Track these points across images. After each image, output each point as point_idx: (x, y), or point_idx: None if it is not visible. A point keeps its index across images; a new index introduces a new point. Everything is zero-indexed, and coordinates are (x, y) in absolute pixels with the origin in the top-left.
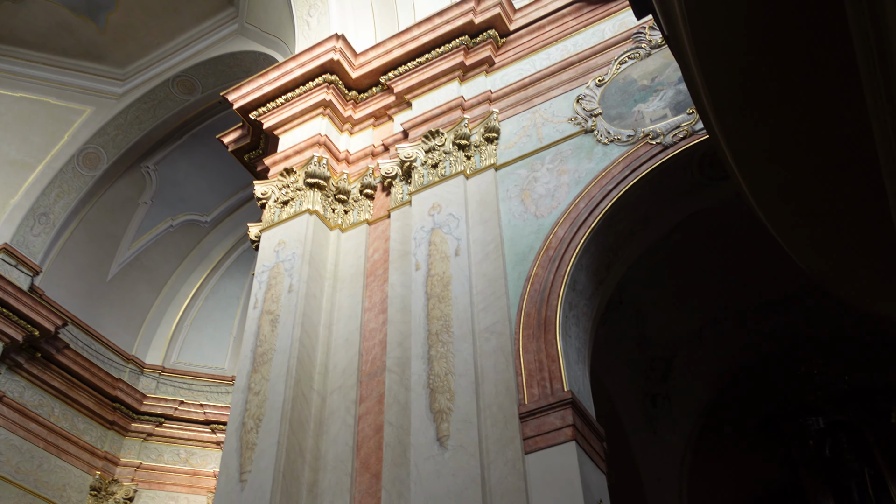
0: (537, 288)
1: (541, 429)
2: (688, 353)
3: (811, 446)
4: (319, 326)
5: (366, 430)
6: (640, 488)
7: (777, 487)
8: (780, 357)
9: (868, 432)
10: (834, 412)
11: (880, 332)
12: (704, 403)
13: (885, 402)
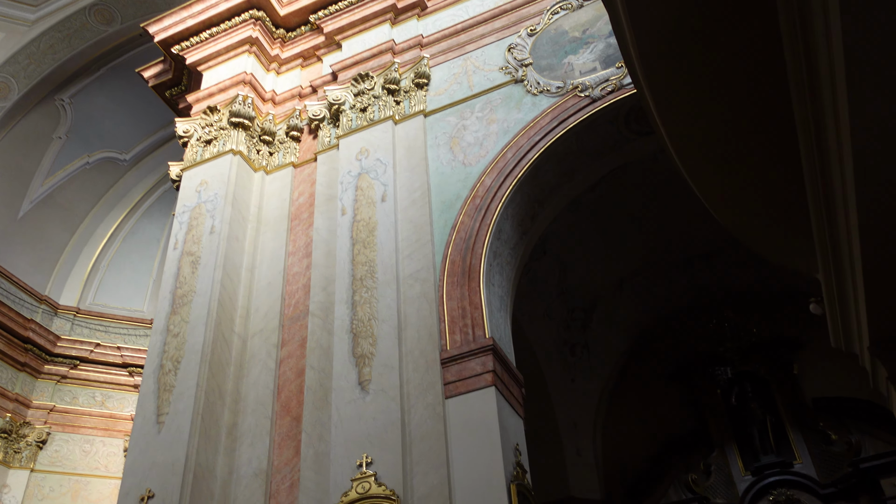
0: (463, 236)
1: (461, 374)
2: (607, 304)
3: (719, 395)
4: (242, 269)
5: (287, 374)
6: (557, 433)
7: (685, 433)
8: (694, 310)
9: (772, 382)
10: (741, 363)
11: (788, 287)
12: (621, 353)
13: (789, 354)
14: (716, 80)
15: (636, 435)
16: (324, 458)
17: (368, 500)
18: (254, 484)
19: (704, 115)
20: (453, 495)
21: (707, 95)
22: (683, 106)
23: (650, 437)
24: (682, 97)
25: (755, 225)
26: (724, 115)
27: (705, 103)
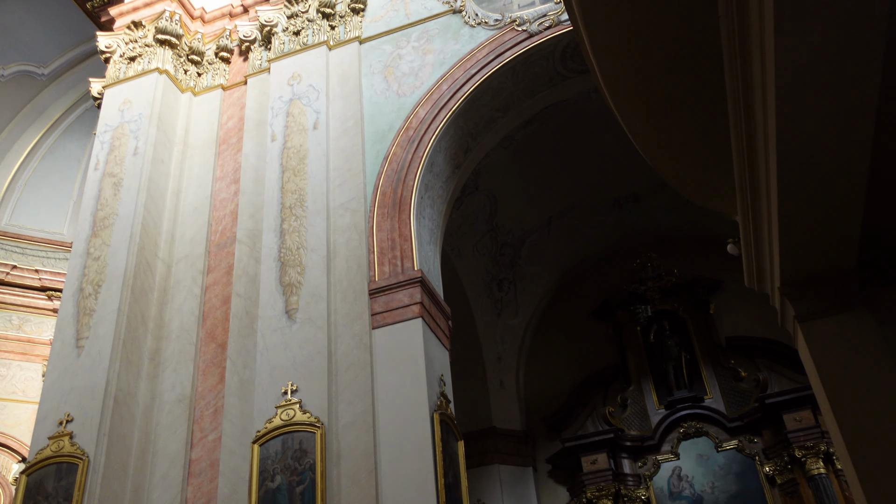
0: (395, 167)
1: (389, 305)
2: (536, 241)
3: (638, 332)
4: (167, 193)
5: (213, 301)
6: (482, 366)
7: (605, 368)
8: (619, 250)
9: (689, 321)
10: (661, 302)
11: (709, 231)
12: (547, 290)
13: (707, 295)
14: (650, 20)
15: (558, 369)
16: (249, 386)
17: (293, 427)
18: (177, 410)
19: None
20: (377, 423)
21: (642, 35)
22: (618, 45)
23: (571, 371)
24: (616, 36)
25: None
26: (658, 56)
27: (640, 43)
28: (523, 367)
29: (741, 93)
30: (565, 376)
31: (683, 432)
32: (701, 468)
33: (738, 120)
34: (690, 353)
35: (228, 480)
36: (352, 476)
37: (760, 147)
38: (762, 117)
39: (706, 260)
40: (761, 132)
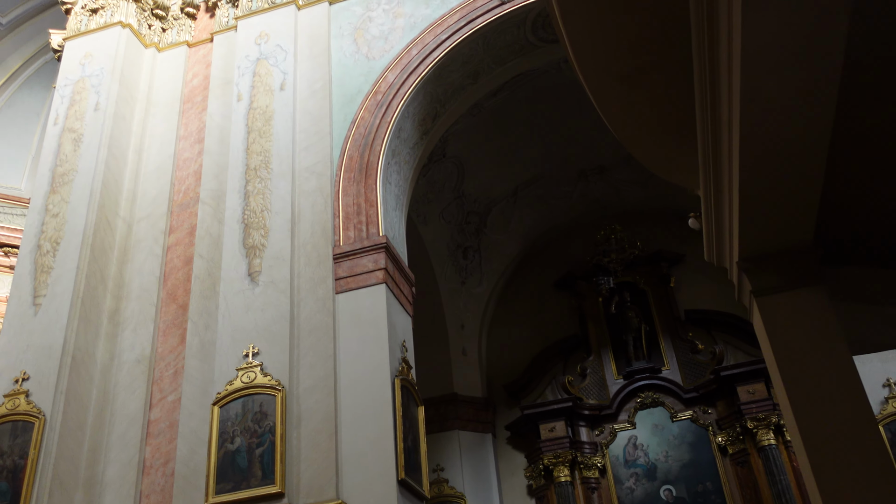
0: (362, 132)
1: (353, 270)
2: (502, 210)
3: (600, 303)
4: (128, 151)
5: (174, 262)
6: (444, 333)
7: (566, 338)
8: (584, 221)
9: (650, 294)
10: (623, 274)
11: (673, 205)
12: (512, 259)
13: (668, 268)
14: None
15: (520, 338)
16: (209, 347)
17: (253, 390)
18: (136, 370)
19: (608, 28)
20: (338, 387)
21: (612, 7)
22: (588, 16)
23: (533, 340)
24: (586, 7)
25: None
26: (628, 29)
27: (610, 15)
28: (486, 335)
29: (707, 68)
30: (527, 345)
31: (640, 402)
32: (656, 437)
33: (703, 95)
34: (650, 324)
35: (188, 441)
36: (312, 439)
37: (724, 123)
38: (727, 93)
39: (669, 234)
40: (725, 108)
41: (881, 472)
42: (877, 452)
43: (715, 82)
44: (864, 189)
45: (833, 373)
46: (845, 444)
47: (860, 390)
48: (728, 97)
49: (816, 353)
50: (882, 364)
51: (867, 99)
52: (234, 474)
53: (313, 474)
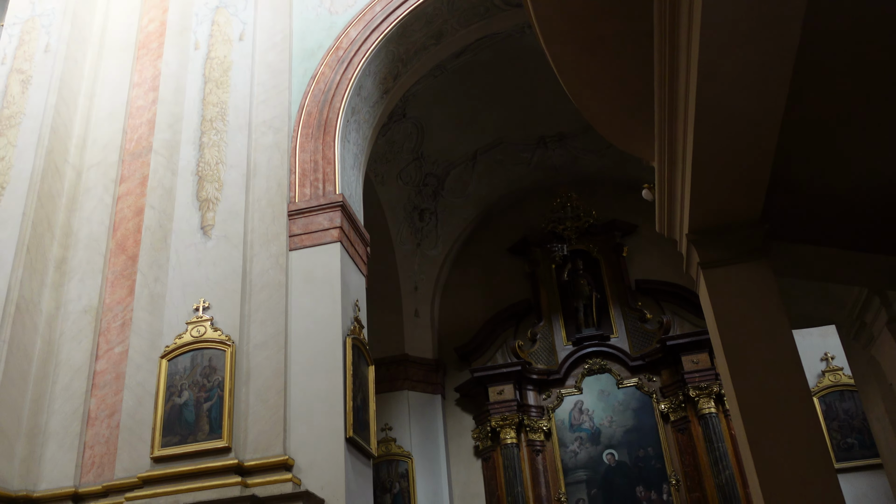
0: (322, 87)
1: (308, 228)
2: (460, 174)
3: (553, 270)
4: (79, 95)
5: (125, 212)
6: (398, 295)
7: (518, 303)
8: (541, 188)
9: (602, 262)
10: (577, 242)
11: (629, 176)
12: (468, 223)
13: (621, 238)
14: None
15: (473, 301)
16: (159, 300)
17: (203, 344)
18: (82, 320)
19: None
20: (289, 344)
21: None
22: None
23: (485, 304)
24: None
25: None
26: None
27: None
28: (439, 297)
29: (668, 41)
30: (479, 309)
31: (588, 368)
32: (601, 403)
33: (662, 67)
34: (601, 293)
35: (134, 394)
36: (260, 395)
37: (681, 96)
38: (685, 66)
39: (624, 204)
40: (683, 81)
41: (813, 441)
42: (810, 423)
43: (674, 55)
44: (812, 169)
45: (773, 345)
46: (780, 413)
47: (797, 363)
48: (686, 70)
49: (758, 325)
50: (821, 339)
51: (820, 80)
52: (180, 428)
53: (261, 430)
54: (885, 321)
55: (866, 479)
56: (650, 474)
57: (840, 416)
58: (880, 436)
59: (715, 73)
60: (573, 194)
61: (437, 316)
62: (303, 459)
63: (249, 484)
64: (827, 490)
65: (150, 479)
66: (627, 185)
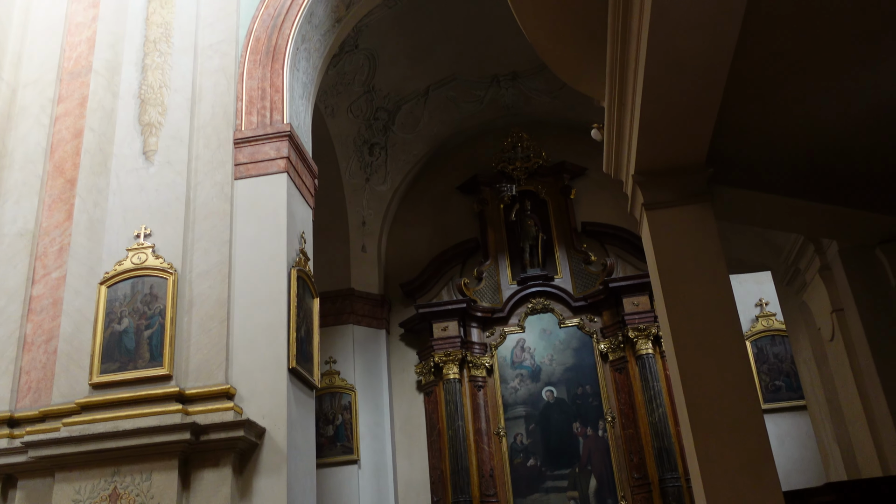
0: (272, 12)
1: (254, 157)
2: (411, 109)
3: (501, 210)
4: (13, 7)
5: (63, 133)
6: (345, 229)
7: (465, 241)
8: (492, 127)
9: (550, 204)
10: (526, 182)
11: (581, 119)
12: (417, 159)
13: (570, 180)
14: None
15: (420, 238)
16: (98, 226)
17: (144, 271)
18: (18, 244)
19: None
20: (233, 274)
21: None
22: None
23: (433, 241)
24: None
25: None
26: None
27: None
28: (386, 233)
29: None
30: (426, 246)
31: (531, 308)
32: (543, 342)
33: (616, 5)
34: (547, 234)
35: (72, 319)
36: (203, 324)
37: (633, 34)
38: (639, 4)
39: (574, 147)
40: (636, 19)
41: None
42: (741, 365)
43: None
44: (757, 116)
45: (710, 287)
46: (713, 354)
47: (732, 306)
48: (639, 9)
49: (697, 267)
50: (757, 285)
51: (767, 25)
52: (120, 355)
53: (203, 359)
54: (817, 268)
55: (791, 419)
56: (587, 411)
57: (770, 359)
58: (806, 378)
59: (667, 11)
60: (524, 135)
61: (385, 251)
62: (245, 389)
63: (190, 412)
64: (753, 428)
65: (88, 405)
66: (578, 127)
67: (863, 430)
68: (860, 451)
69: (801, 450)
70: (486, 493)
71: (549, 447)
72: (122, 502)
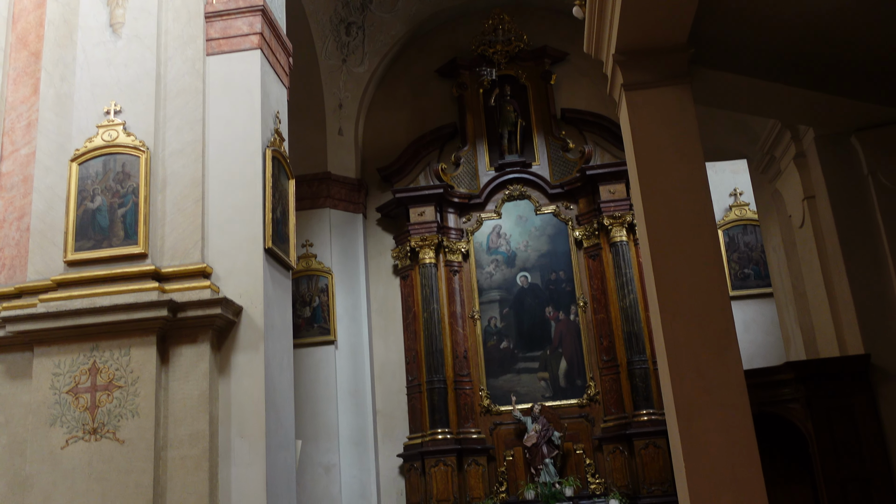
0: None
1: (227, 32)
2: None
3: (481, 94)
4: None
5: (24, 3)
6: (321, 112)
7: (444, 126)
8: (474, 8)
9: (530, 89)
10: (507, 67)
11: (563, 2)
12: (396, 40)
13: (551, 65)
14: None
15: (398, 122)
16: (67, 101)
17: (115, 149)
18: None
19: None
20: (207, 153)
21: None
22: None
23: (411, 125)
24: None
25: None
26: None
27: None
28: (363, 116)
29: None
30: (404, 130)
31: (508, 194)
32: (519, 228)
33: None
34: (526, 120)
35: (44, 197)
36: (177, 203)
37: None
38: None
39: (556, 31)
40: None
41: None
42: (712, 251)
43: None
44: None
45: (685, 170)
46: (685, 239)
47: (706, 190)
48: None
49: (673, 150)
50: (733, 175)
51: None
52: (94, 233)
53: (178, 238)
54: (792, 155)
55: (757, 306)
56: (560, 296)
57: (741, 248)
58: (774, 264)
59: None
60: (506, 17)
61: (362, 135)
62: (221, 268)
63: (167, 290)
64: (719, 312)
65: (64, 283)
66: (561, 12)
67: (825, 314)
68: (821, 335)
69: (765, 335)
70: (460, 373)
71: (522, 330)
72: (102, 376)
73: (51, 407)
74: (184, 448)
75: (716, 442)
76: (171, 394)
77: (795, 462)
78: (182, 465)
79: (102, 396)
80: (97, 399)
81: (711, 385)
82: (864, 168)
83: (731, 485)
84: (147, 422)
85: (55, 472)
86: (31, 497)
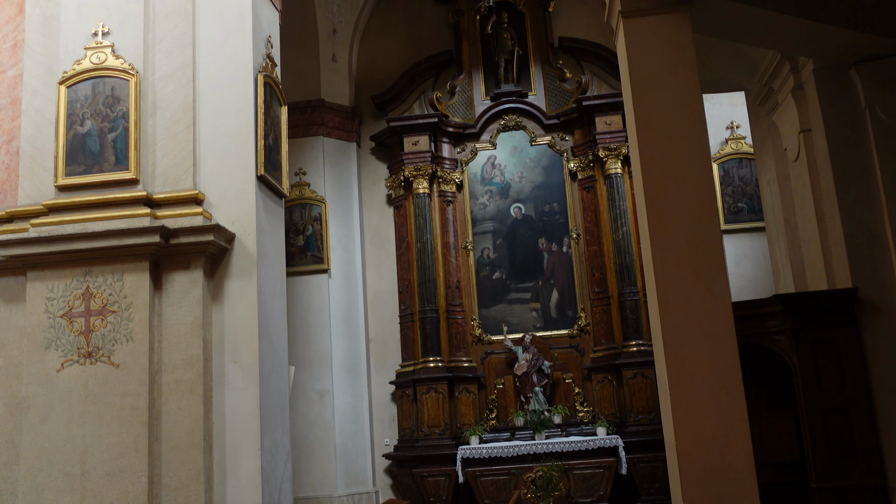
0: None
1: None
2: None
3: (477, 22)
4: None
5: None
6: (315, 38)
7: (439, 54)
8: None
9: (528, 16)
10: None
11: None
12: None
13: None
14: None
15: (393, 49)
16: (53, 21)
17: (104, 72)
18: None
19: None
20: (197, 78)
21: None
22: None
23: (406, 52)
24: None
25: None
26: None
27: None
28: (358, 43)
29: None
30: (399, 57)
31: (504, 125)
32: (513, 159)
33: None
34: (523, 48)
35: (32, 120)
36: (168, 128)
37: None
38: None
39: None
40: None
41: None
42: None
43: None
44: None
45: (681, 100)
46: (679, 170)
47: (702, 120)
48: None
49: (670, 79)
50: (730, 108)
51: None
52: (85, 158)
53: (170, 164)
54: (790, 87)
55: (749, 240)
56: (553, 228)
57: (735, 181)
58: (767, 198)
59: None
60: None
61: (356, 62)
62: (213, 195)
63: (159, 216)
64: (710, 245)
65: (55, 207)
66: None
67: (815, 247)
68: (810, 268)
69: (756, 269)
70: (453, 303)
71: (515, 261)
72: (96, 301)
73: (45, 331)
74: (178, 372)
75: (701, 371)
76: (164, 319)
77: (779, 393)
78: (176, 389)
79: (97, 321)
80: (91, 323)
81: (699, 315)
82: (862, 101)
83: (715, 413)
84: (141, 346)
85: (52, 394)
86: (28, 418)
